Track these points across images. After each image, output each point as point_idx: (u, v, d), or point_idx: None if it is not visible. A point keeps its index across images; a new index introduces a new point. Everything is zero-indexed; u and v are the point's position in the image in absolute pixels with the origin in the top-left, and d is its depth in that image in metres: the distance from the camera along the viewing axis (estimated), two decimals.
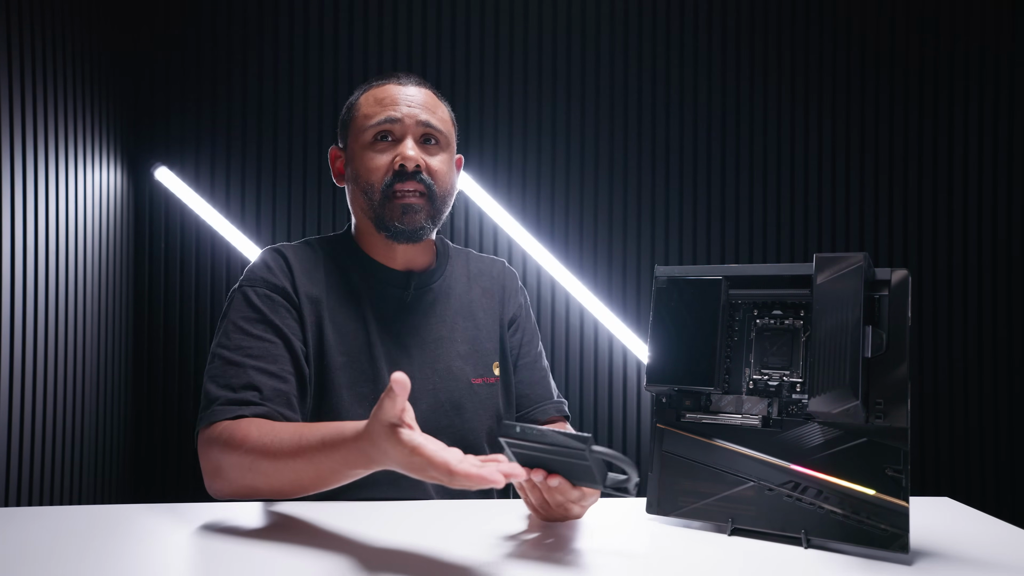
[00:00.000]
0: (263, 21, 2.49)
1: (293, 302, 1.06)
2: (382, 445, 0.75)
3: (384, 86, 1.12)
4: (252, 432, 0.90)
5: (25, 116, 1.86)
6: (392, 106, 1.09)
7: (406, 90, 1.11)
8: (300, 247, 1.14)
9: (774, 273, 0.90)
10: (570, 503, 0.85)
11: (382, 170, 1.09)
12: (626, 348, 2.56)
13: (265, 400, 0.97)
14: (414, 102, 1.10)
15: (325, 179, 2.51)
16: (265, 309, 1.04)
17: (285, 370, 1.01)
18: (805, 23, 2.61)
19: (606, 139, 2.58)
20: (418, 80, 1.14)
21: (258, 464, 0.88)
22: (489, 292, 1.23)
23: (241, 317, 1.03)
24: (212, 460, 0.93)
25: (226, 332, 1.03)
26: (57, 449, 1.99)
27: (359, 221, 1.15)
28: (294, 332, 1.04)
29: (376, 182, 1.09)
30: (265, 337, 1.02)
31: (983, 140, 2.61)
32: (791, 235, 2.61)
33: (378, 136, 1.09)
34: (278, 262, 1.09)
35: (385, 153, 1.09)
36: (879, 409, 0.80)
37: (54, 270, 1.98)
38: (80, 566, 0.75)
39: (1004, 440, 2.58)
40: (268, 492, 0.90)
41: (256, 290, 1.06)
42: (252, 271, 1.09)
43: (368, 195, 1.10)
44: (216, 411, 0.96)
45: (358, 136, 1.11)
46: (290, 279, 1.08)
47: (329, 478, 0.85)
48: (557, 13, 2.58)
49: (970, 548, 0.81)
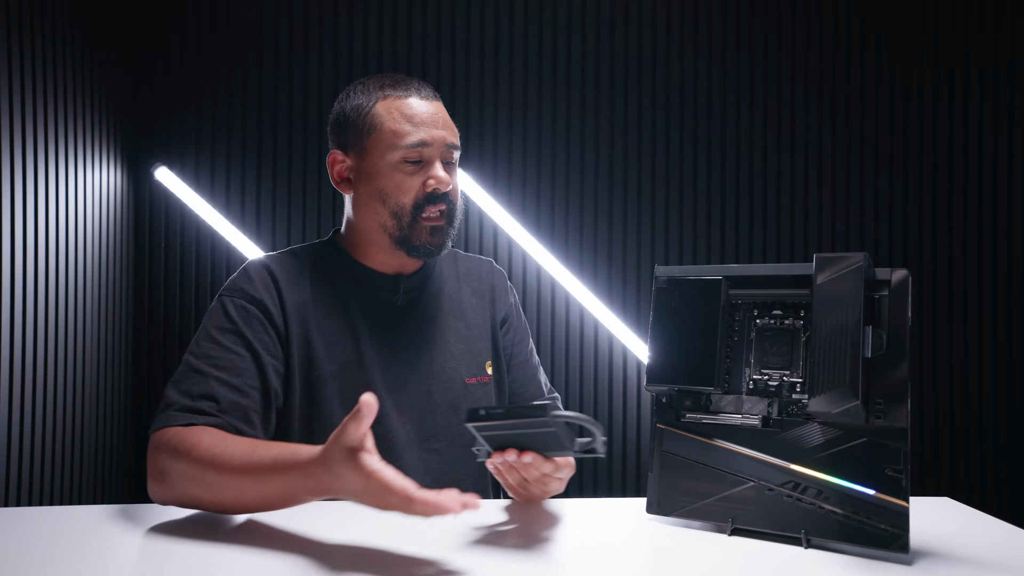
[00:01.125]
0: (263, 21, 2.49)
1: (271, 316, 1.04)
2: (338, 470, 0.74)
3: (406, 99, 1.09)
4: (203, 441, 0.88)
5: (25, 116, 1.86)
6: (423, 127, 1.07)
7: (429, 107, 1.09)
8: (285, 257, 1.12)
9: (774, 273, 0.90)
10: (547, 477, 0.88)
11: (413, 192, 1.07)
12: (626, 348, 2.56)
13: (221, 412, 0.95)
14: (439, 122, 1.09)
15: (325, 180, 2.51)
16: (239, 320, 1.02)
17: (248, 384, 0.99)
18: (805, 23, 2.61)
19: (606, 139, 2.58)
20: (433, 92, 1.13)
21: (203, 475, 0.86)
22: (479, 292, 1.23)
23: (214, 326, 1.02)
24: (158, 464, 0.91)
25: (197, 339, 1.02)
26: (57, 449, 1.99)
27: (367, 231, 1.12)
28: (266, 347, 1.02)
29: (407, 203, 1.07)
30: (233, 349, 1.00)
31: (983, 140, 2.61)
32: (791, 235, 2.61)
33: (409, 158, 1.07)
34: (261, 274, 1.07)
35: (415, 176, 1.08)
36: (879, 409, 0.80)
37: (54, 270, 1.98)
38: (80, 566, 0.75)
39: (1004, 440, 2.58)
40: (209, 505, 0.88)
41: (234, 300, 1.04)
42: (233, 281, 1.07)
43: (397, 217, 1.08)
44: (170, 416, 0.94)
45: (384, 153, 1.07)
46: (273, 291, 1.06)
47: (274, 500, 0.83)
48: (557, 12, 2.58)
49: (970, 548, 0.81)
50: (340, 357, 1.07)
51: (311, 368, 1.06)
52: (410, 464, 1.08)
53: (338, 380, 1.06)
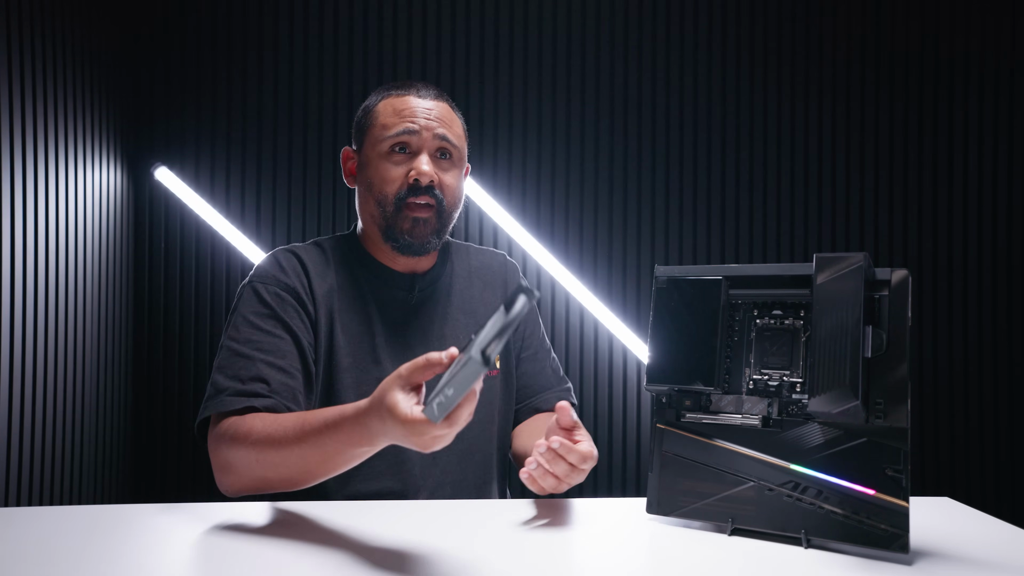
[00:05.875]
0: (263, 21, 2.49)
1: (303, 303, 1.07)
2: (379, 412, 0.77)
3: (403, 96, 1.12)
4: (256, 424, 0.91)
5: (25, 116, 1.86)
6: (410, 118, 1.10)
7: (425, 103, 1.12)
8: (311, 248, 1.15)
9: (774, 273, 0.90)
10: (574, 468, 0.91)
11: (397, 182, 1.10)
12: (626, 348, 2.56)
13: (273, 392, 0.98)
14: (432, 115, 1.11)
15: (325, 179, 2.51)
16: (275, 305, 1.05)
17: (293, 366, 1.02)
18: (805, 23, 2.61)
19: (606, 139, 2.58)
20: (437, 92, 1.15)
21: (265, 455, 0.89)
22: (491, 286, 1.25)
23: (251, 312, 1.04)
24: (222, 456, 0.94)
25: (235, 325, 1.03)
26: (57, 449, 1.99)
27: (366, 226, 1.16)
28: (302, 332, 1.05)
29: (390, 193, 1.10)
30: (274, 332, 1.03)
31: (983, 140, 2.61)
32: (791, 235, 2.61)
33: (395, 147, 1.10)
34: (291, 262, 1.10)
35: (400, 165, 1.10)
36: (879, 409, 0.80)
37: (54, 270, 1.98)
38: (80, 566, 0.75)
39: (1004, 440, 2.57)
40: (278, 482, 0.91)
41: (267, 287, 1.06)
42: (264, 268, 1.09)
43: (381, 205, 1.10)
44: (225, 401, 0.96)
45: (375, 144, 1.11)
46: (304, 280, 1.09)
47: (336, 459, 0.86)
48: (557, 13, 2.58)
49: (970, 548, 0.81)
50: (358, 350, 1.10)
51: (332, 357, 1.08)
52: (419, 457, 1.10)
53: (353, 372, 1.09)
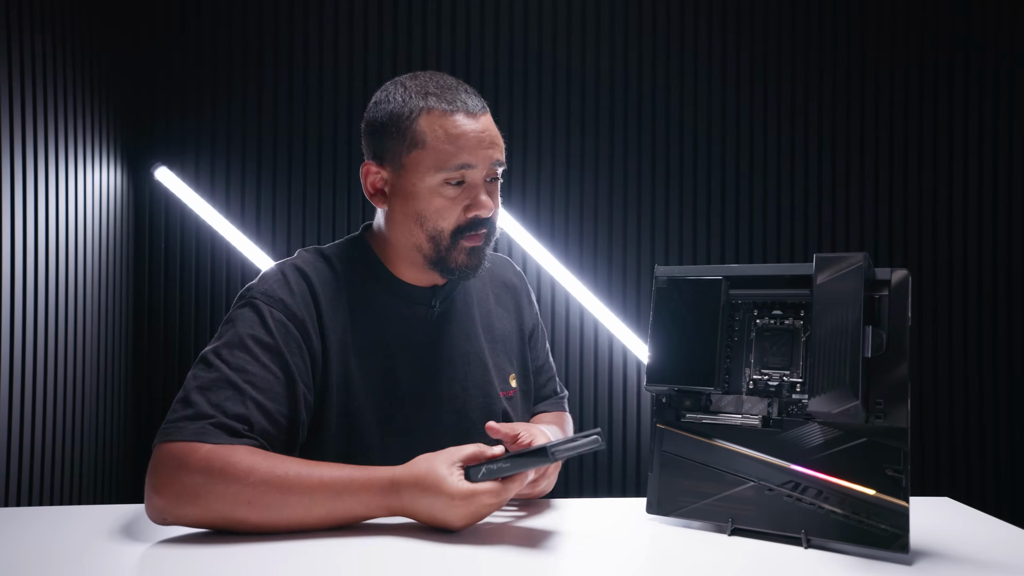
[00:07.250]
0: (263, 21, 2.49)
1: (309, 339, 0.97)
2: (422, 484, 0.84)
3: (452, 116, 0.99)
4: (258, 463, 0.84)
5: (25, 116, 1.86)
6: (468, 150, 0.98)
7: (475, 124, 1.00)
8: (320, 265, 1.04)
9: (774, 273, 0.90)
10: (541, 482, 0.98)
11: (454, 218, 1.00)
12: (626, 348, 2.56)
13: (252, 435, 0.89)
14: (485, 139, 1.00)
15: (325, 179, 2.51)
16: (278, 336, 0.95)
17: (280, 412, 0.92)
18: (805, 24, 2.61)
19: (606, 139, 2.58)
20: (482, 102, 1.03)
21: (264, 497, 0.83)
22: (504, 301, 1.20)
23: (250, 335, 0.94)
24: (188, 482, 0.83)
25: (230, 344, 0.93)
26: (57, 449, 1.99)
27: (400, 247, 1.05)
28: (301, 375, 0.96)
29: (446, 229, 1.00)
30: (271, 368, 0.93)
31: (983, 140, 2.61)
32: (791, 235, 2.61)
33: (451, 180, 0.99)
34: (300, 286, 0.99)
35: (457, 200, 1.00)
36: (879, 409, 0.80)
37: (54, 270, 1.98)
38: (80, 566, 0.75)
39: (1004, 440, 2.57)
40: (256, 527, 0.84)
41: (273, 313, 0.96)
42: (271, 287, 0.98)
43: (434, 240, 1.01)
44: (207, 430, 0.86)
45: (423, 174, 0.99)
46: (314, 311, 0.99)
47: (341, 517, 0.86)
48: (557, 15, 2.58)
49: (970, 548, 0.81)
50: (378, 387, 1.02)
51: (349, 397, 1.00)
52: None
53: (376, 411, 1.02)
